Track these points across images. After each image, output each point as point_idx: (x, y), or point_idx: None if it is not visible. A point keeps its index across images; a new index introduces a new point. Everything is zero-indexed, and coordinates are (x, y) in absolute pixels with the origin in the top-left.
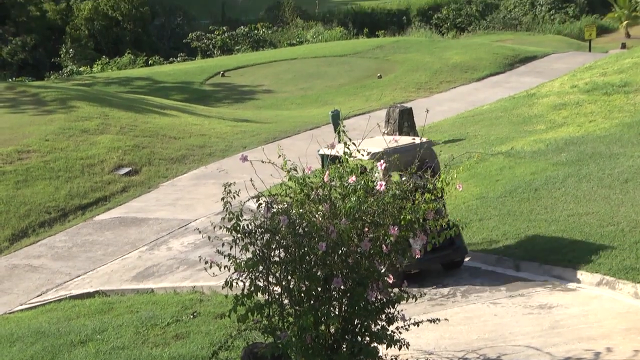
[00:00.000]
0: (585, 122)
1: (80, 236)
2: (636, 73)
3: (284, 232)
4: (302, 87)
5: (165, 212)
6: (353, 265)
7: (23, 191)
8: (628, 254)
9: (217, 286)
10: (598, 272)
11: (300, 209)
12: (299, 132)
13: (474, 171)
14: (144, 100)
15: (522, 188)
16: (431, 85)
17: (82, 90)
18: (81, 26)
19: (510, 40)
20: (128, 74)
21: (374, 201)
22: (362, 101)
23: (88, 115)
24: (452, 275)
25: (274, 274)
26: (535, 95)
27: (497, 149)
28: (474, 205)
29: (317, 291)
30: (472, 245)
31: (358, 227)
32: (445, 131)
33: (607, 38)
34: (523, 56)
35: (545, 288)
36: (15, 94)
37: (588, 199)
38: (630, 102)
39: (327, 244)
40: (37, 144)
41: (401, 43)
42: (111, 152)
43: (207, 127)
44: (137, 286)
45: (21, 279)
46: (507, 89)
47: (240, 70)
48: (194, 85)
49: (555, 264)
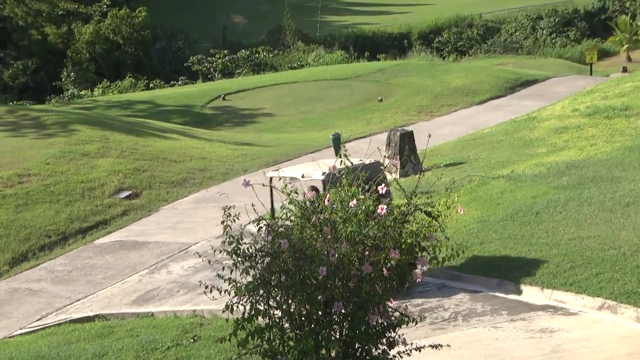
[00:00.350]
0: (586, 146)
1: (80, 260)
2: (637, 97)
3: (284, 256)
4: (303, 111)
5: (166, 236)
6: (354, 289)
7: (23, 215)
8: (630, 278)
9: (218, 310)
10: (600, 296)
11: (301, 233)
12: (300, 155)
13: (475, 195)
14: (144, 123)
15: (524, 212)
16: (432, 109)
17: (83, 113)
18: (82, 50)
19: (512, 64)
20: (129, 97)
21: (374, 225)
22: (363, 124)
23: (89, 139)
24: (453, 299)
25: (275, 297)
26: (536, 119)
27: (498, 172)
28: (475, 229)
29: (317, 315)
30: (473, 269)
31: (359, 250)
32: (447, 154)
33: (608, 62)
34: (524, 80)
35: (547, 312)
36: (16, 118)
37: (589, 223)
38: (631, 125)
39: (328, 267)
40: (38, 167)
41: (402, 66)
42: (112, 175)
43: (207, 150)
44: (137, 310)
45: (21, 302)
46: (509, 112)
47: (241, 94)
48: (195, 108)
49: (557, 288)
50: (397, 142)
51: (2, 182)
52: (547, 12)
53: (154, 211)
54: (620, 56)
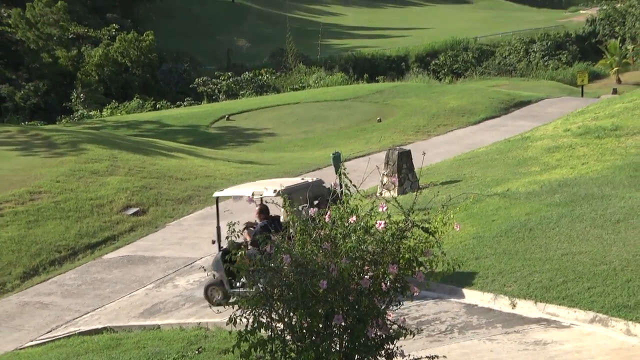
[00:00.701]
0: (578, 165)
1: (89, 274)
2: (627, 117)
3: (286, 270)
4: (304, 130)
5: (172, 251)
6: (353, 302)
7: (34, 231)
8: (620, 292)
9: (222, 323)
10: (591, 310)
11: (302, 248)
12: (301, 173)
13: (471, 211)
14: (151, 143)
15: (517, 228)
16: (429, 129)
17: (92, 133)
18: (92, 72)
19: (506, 86)
20: (136, 117)
21: (373, 240)
22: (362, 144)
23: (97, 158)
24: (449, 312)
25: (277, 310)
26: (529, 139)
27: (492, 190)
28: (470, 245)
29: (318, 327)
30: (469, 283)
31: (358, 265)
32: (443, 173)
33: (599, 84)
34: (518, 101)
35: (540, 325)
36: (27, 137)
37: (581, 239)
38: (621, 145)
39: (328, 281)
40: (49, 185)
41: (400, 88)
42: (120, 192)
43: (212, 168)
44: (144, 322)
45: (32, 315)
46: (503, 132)
47: (244, 114)
48: (200, 128)
49: (550, 301)
50: (395, 161)
51: (14, 199)
52: (539, 36)
53: (161, 227)
54: (611, 78)
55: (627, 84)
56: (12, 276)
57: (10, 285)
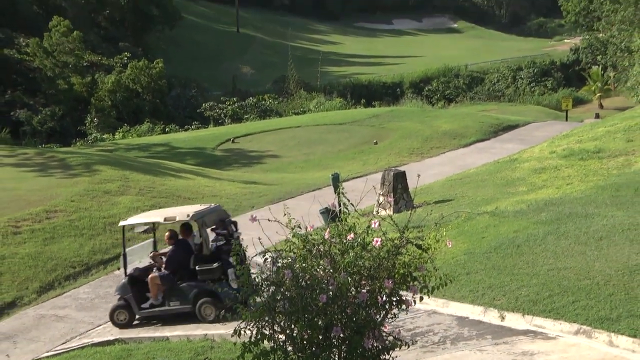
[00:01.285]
0: (563, 185)
1: (102, 288)
2: (608, 140)
3: (288, 285)
4: (305, 152)
5: None
6: (351, 315)
7: (50, 247)
8: (603, 305)
9: (227, 334)
10: (576, 322)
11: (303, 264)
12: (302, 193)
13: (462, 229)
14: (161, 164)
15: (506, 244)
16: (423, 151)
17: (105, 155)
18: (105, 97)
19: (495, 110)
20: (147, 140)
21: (370, 256)
22: (360, 165)
23: (110, 178)
24: (442, 324)
25: (279, 323)
26: (517, 160)
27: (482, 208)
28: (462, 260)
29: (318, 339)
30: (461, 297)
31: (356, 280)
32: (436, 192)
33: (582, 109)
34: (506, 125)
35: (528, 336)
36: (44, 159)
37: (566, 255)
38: (603, 166)
39: (327, 295)
40: (64, 204)
41: (395, 112)
42: (131, 211)
43: (218, 188)
44: (153, 334)
45: (48, 327)
46: (492, 154)
47: (248, 137)
48: (206, 150)
49: (537, 314)
50: (391, 181)
51: (31, 217)
52: (526, 64)
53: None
54: (593, 104)
55: (608, 109)
56: (29, 290)
57: (28, 299)
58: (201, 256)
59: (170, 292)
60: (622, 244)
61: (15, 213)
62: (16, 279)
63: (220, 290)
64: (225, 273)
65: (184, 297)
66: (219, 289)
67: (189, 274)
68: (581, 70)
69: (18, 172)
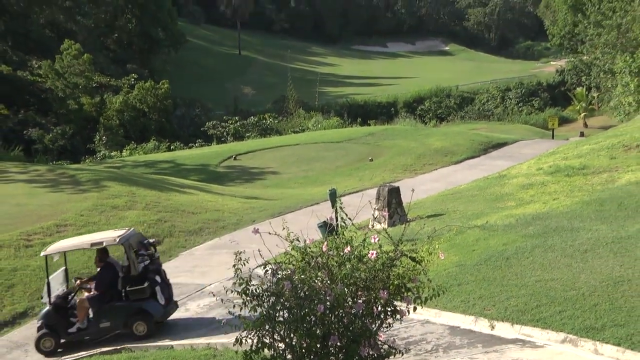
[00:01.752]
0: (549, 200)
1: None
2: (593, 158)
3: (287, 295)
4: (304, 169)
5: (184, 278)
6: (348, 324)
7: (61, 260)
8: (588, 315)
9: (229, 343)
10: (562, 331)
11: (302, 275)
12: (301, 207)
13: (453, 242)
14: (166, 180)
15: (496, 257)
16: (416, 167)
17: (113, 172)
18: (113, 117)
19: (484, 129)
20: (153, 157)
21: (365, 268)
22: (356, 181)
23: (118, 194)
24: (434, 333)
25: (279, 332)
26: (506, 177)
27: (473, 222)
28: (453, 272)
29: (316, 347)
30: (452, 307)
31: (352, 291)
32: (428, 207)
33: (568, 127)
34: (495, 142)
35: (517, 345)
36: (55, 176)
37: (553, 267)
38: (588, 182)
39: (325, 306)
40: (74, 218)
41: (389, 131)
42: (137, 225)
43: (221, 203)
44: (158, 343)
45: None
46: (482, 170)
47: (250, 154)
48: (210, 167)
49: (525, 323)
50: (386, 196)
51: (42, 231)
52: (514, 85)
53: (174, 256)
54: (578, 122)
55: (592, 128)
56: (40, 301)
57: (39, 309)
58: (129, 277)
59: (100, 313)
60: (606, 256)
61: (27, 227)
62: (28, 290)
63: (151, 307)
64: (153, 291)
65: (115, 317)
66: (149, 306)
67: (118, 294)
68: (566, 90)
69: (30, 187)
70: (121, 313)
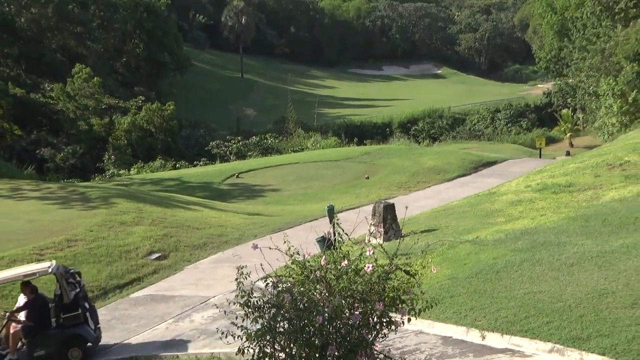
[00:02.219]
0: (537, 216)
1: (118, 311)
2: (578, 176)
3: (287, 307)
4: (303, 187)
5: (189, 290)
6: (345, 335)
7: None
8: (575, 325)
9: (232, 353)
10: (550, 341)
11: (301, 288)
12: (300, 223)
13: (446, 256)
14: (172, 197)
15: (486, 270)
16: (410, 185)
17: (121, 189)
18: (121, 137)
19: (475, 148)
20: (159, 175)
21: (362, 281)
22: (353, 198)
23: (126, 210)
24: (428, 343)
25: (279, 342)
26: (496, 194)
27: (464, 237)
28: (445, 285)
29: (315, 357)
30: (445, 318)
31: (349, 302)
32: (422, 223)
33: (554, 147)
34: (485, 161)
35: (506, 354)
36: (66, 193)
37: (541, 280)
38: (574, 199)
39: (323, 317)
40: (83, 234)
41: (385, 150)
42: (144, 240)
43: (224, 219)
44: (164, 353)
45: None
46: (473, 188)
47: (251, 173)
48: (213, 184)
49: (515, 334)
50: (381, 213)
51: (54, 246)
52: (503, 106)
53: (180, 270)
54: (564, 142)
55: (578, 147)
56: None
57: None
58: (62, 305)
59: (34, 341)
60: (591, 269)
61: (39, 242)
62: None
63: (84, 332)
64: (85, 317)
65: (49, 345)
66: (83, 331)
67: (49, 323)
68: (553, 112)
69: (42, 204)
70: (55, 340)
